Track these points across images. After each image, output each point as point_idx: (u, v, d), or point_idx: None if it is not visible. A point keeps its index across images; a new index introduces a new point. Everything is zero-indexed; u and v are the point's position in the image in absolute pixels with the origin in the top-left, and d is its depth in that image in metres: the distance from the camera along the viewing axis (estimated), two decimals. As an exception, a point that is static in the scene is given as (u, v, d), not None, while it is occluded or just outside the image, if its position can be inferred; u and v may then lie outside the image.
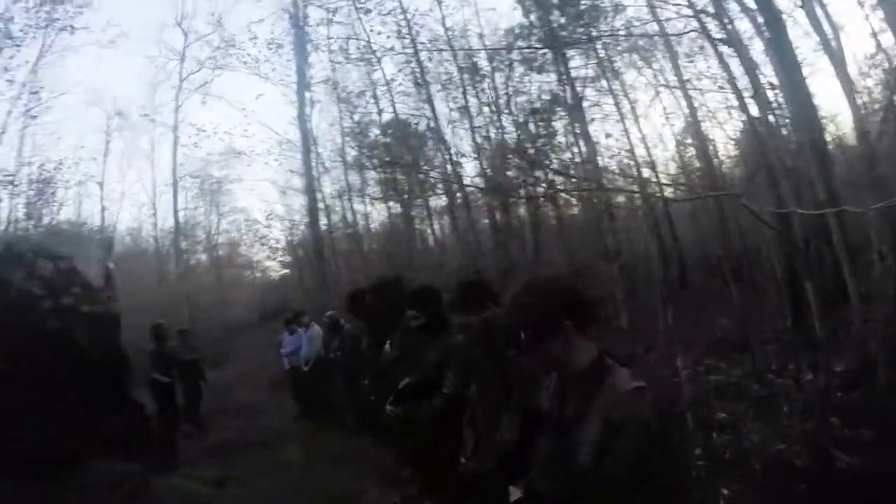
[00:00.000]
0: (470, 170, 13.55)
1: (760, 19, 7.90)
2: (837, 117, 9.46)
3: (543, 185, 9.94)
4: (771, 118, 8.22)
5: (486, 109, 12.69)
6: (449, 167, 13.26)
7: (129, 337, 8.34)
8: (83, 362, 0.75)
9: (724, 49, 8.86)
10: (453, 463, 3.02)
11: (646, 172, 10.32)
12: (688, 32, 9.54)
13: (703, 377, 6.15)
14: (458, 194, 13.34)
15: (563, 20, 10.73)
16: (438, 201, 15.04)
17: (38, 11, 12.53)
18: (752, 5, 8.06)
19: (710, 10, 8.61)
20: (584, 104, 11.50)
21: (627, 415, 1.59)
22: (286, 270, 21.13)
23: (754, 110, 8.38)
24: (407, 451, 4.29)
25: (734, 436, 4.66)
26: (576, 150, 11.89)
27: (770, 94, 8.24)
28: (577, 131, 11.46)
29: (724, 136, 10.63)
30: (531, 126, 12.18)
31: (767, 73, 8.36)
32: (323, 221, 15.64)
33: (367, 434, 6.37)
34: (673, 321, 6.64)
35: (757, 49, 8.78)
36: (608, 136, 11.24)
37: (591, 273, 9.21)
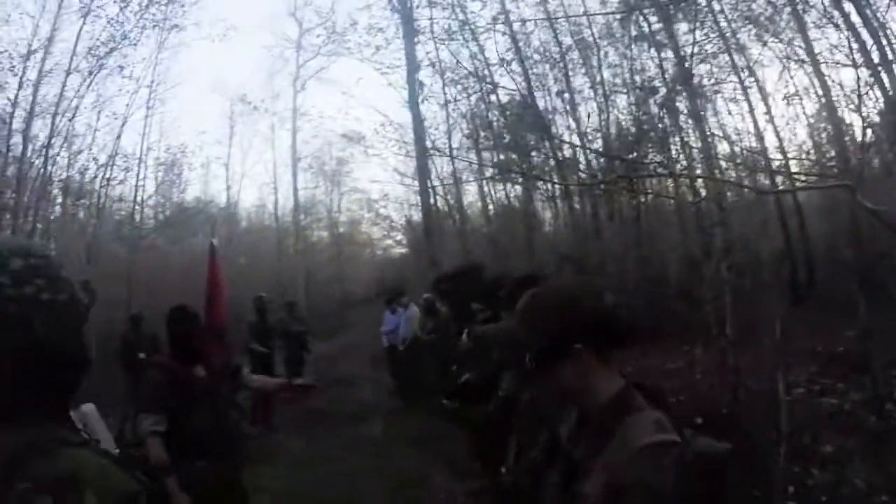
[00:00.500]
0: (579, 154, 12.99)
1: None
2: None
3: (656, 169, 9.35)
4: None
5: (598, 90, 12.05)
6: (564, 150, 12.80)
7: (238, 311, 9.00)
8: (36, 343, 0.79)
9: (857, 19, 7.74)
10: (498, 470, 2.86)
11: (765, 158, 9.28)
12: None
13: (815, 399, 5.43)
14: (575, 177, 12.85)
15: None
16: (551, 186, 14.71)
17: (145, 13, 13.47)
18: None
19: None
20: (703, 82, 10.54)
21: (632, 482, 1.22)
22: (405, 250, 21.49)
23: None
24: (473, 445, 4.22)
25: (837, 476, 3.97)
26: (692, 132, 10.95)
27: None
28: (694, 112, 10.52)
29: (860, 117, 9.29)
30: (644, 107, 11.40)
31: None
32: (438, 202, 15.72)
33: (449, 421, 6.39)
34: (788, 331, 5.85)
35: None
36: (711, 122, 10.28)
37: (694, 272, 8.57)
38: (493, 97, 14.05)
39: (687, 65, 9.82)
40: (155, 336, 7.81)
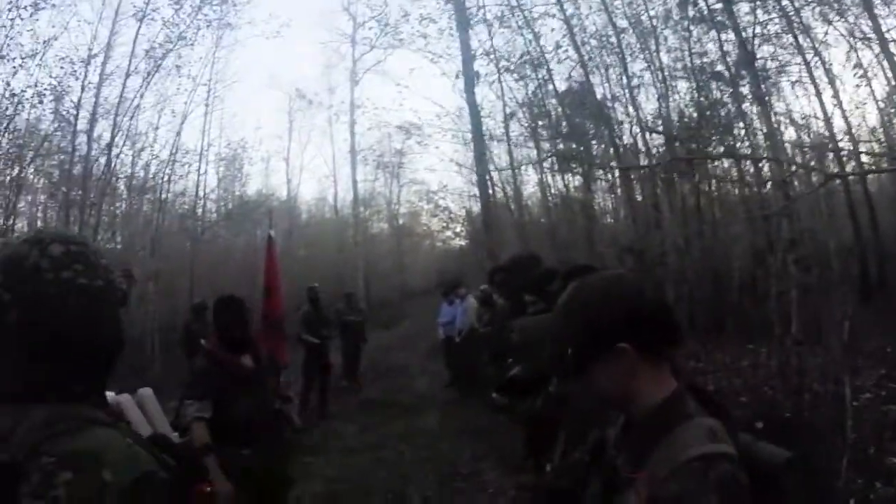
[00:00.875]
0: (640, 142, 12.55)
1: None
2: None
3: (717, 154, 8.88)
4: None
5: (658, 75, 11.54)
6: (625, 137, 12.41)
7: (298, 302, 9.14)
8: (70, 326, 0.85)
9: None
10: (544, 467, 2.73)
11: (833, 143, 8.65)
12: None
13: (884, 406, 4.93)
14: (641, 164, 12.43)
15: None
16: (613, 176, 14.36)
17: (199, 14, 13.88)
18: None
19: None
20: (766, 64, 9.91)
21: (674, 498, 1.07)
22: (464, 242, 21.48)
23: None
24: (527, 440, 4.09)
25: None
26: (756, 118, 10.34)
27: None
28: (758, 96, 9.91)
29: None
30: (706, 92, 10.85)
31: None
32: (496, 193, 15.56)
33: (503, 414, 6.28)
34: (856, 330, 5.39)
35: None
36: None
37: (759, 265, 8.10)
38: (549, 86, 13.75)
39: (749, 47, 9.28)
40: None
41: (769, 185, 8.93)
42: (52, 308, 0.98)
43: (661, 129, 11.47)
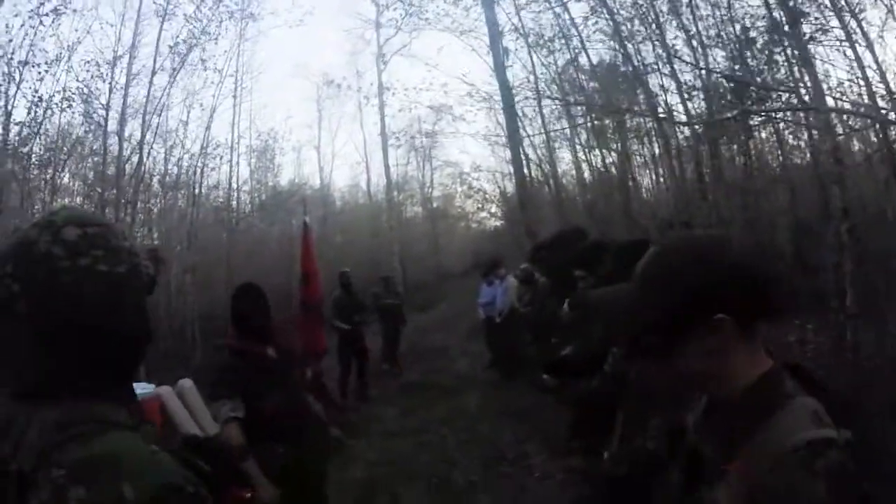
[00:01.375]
0: (679, 111, 12.08)
1: None
2: None
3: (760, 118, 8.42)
4: None
5: (693, 42, 11.01)
6: (660, 108, 11.95)
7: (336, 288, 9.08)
8: (87, 318, 0.73)
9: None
10: (600, 454, 2.54)
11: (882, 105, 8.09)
12: None
13: None
14: (673, 139, 12.01)
15: None
16: (650, 148, 13.95)
17: (219, 7, 13.80)
18: None
19: None
20: (806, 27, 9.30)
21: (785, 492, 0.91)
22: (500, 222, 21.29)
23: None
24: (574, 422, 3.92)
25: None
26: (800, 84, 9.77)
27: None
28: (799, 60, 9.32)
29: None
30: (743, 58, 10.29)
31: None
32: (532, 171, 15.27)
33: (549, 394, 6.14)
34: None
35: None
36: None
37: (807, 237, 7.67)
38: (582, 58, 13.35)
39: (791, 3, 8.73)
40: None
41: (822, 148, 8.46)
42: (67, 298, 0.88)
43: (700, 100, 11.04)
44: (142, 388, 1.65)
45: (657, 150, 13.42)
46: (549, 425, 6.05)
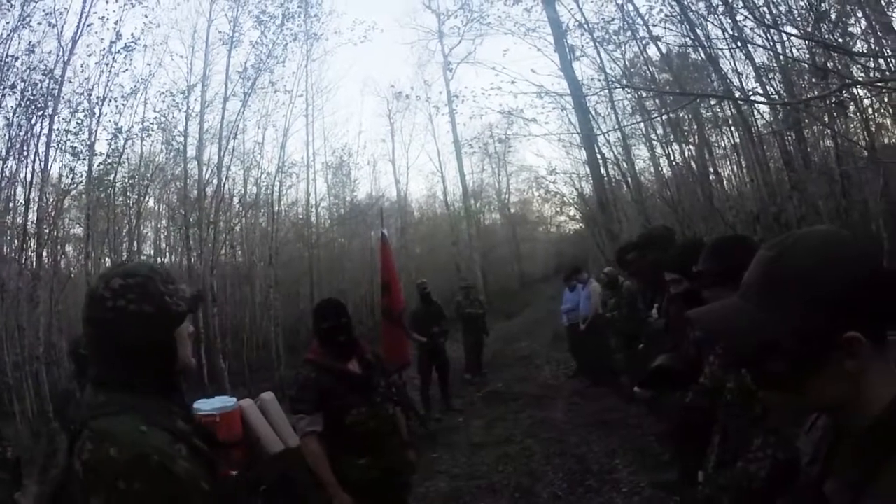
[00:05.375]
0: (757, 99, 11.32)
1: None
2: None
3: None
4: None
5: (766, 19, 10.21)
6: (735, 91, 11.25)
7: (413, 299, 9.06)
8: (122, 342, 1.36)
9: None
10: (695, 473, 2.31)
11: None
12: None
13: None
14: (753, 127, 11.29)
15: None
16: (730, 138, 13.25)
17: (282, 31, 14.06)
18: None
19: None
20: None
21: None
22: (580, 224, 20.85)
23: None
24: (668, 435, 3.66)
25: None
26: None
27: None
28: (880, 27, 8.38)
29: None
30: (819, 33, 9.42)
31: None
32: (609, 171, 14.80)
33: (641, 407, 5.84)
34: None
35: None
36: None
37: None
38: (649, 50, 12.83)
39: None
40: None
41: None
42: (110, 326, 1.35)
43: (778, 82, 10.33)
44: (224, 402, 1.74)
45: (737, 139, 12.78)
46: (637, 437, 5.88)
